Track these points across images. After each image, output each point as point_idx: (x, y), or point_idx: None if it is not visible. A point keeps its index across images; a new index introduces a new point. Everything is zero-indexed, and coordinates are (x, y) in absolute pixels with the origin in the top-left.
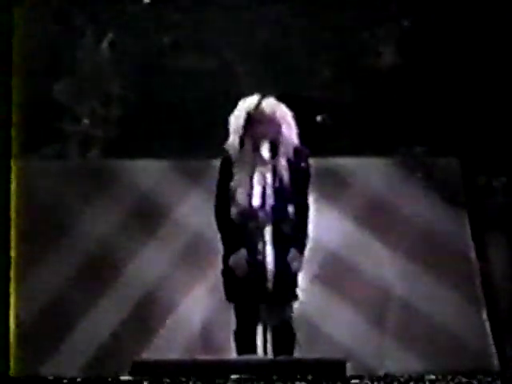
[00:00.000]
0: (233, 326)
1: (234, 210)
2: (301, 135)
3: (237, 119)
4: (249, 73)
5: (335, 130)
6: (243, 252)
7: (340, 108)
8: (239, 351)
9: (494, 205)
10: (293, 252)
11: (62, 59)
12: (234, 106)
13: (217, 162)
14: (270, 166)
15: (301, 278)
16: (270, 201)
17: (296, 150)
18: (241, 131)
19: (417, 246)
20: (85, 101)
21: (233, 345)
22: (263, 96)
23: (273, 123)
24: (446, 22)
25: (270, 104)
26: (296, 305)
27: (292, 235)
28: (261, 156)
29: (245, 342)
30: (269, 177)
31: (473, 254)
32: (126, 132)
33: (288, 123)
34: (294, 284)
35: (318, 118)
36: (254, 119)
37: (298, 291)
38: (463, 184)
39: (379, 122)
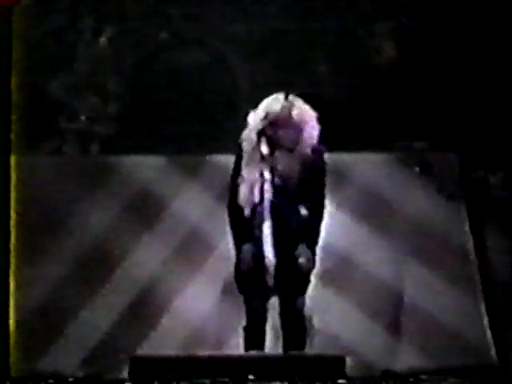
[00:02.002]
0: (231, 320)
1: (240, 205)
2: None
3: (257, 118)
4: (246, 69)
5: (334, 125)
6: (248, 247)
7: (338, 103)
8: (247, 347)
9: (492, 199)
10: (300, 248)
11: (59, 55)
12: (232, 101)
13: (214, 158)
14: (272, 164)
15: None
16: (270, 197)
17: (314, 149)
18: (259, 128)
19: (415, 241)
20: (83, 97)
21: (230, 340)
22: (288, 95)
23: (291, 124)
24: (443, 17)
25: (292, 104)
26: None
27: (301, 232)
28: (271, 155)
29: (252, 337)
30: (270, 174)
31: (471, 248)
32: (123, 128)
33: (308, 124)
34: (304, 280)
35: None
36: (275, 120)
37: (308, 287)
38: (461, 178)
39: (378, 117)
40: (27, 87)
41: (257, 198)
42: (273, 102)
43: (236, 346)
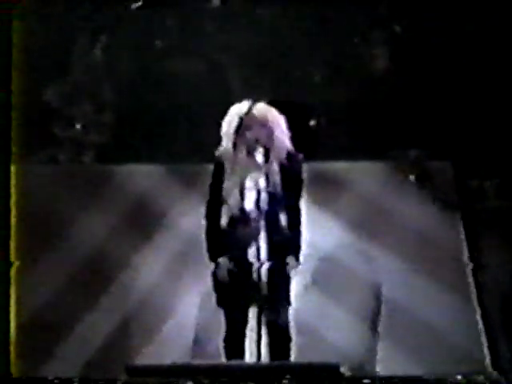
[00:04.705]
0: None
1: (225, 215)
2: (294, 140)
3: (228, 124)
4: (241, 77)
5: (328, 134)
6: (224, 260)
7: (333, 112)
8: (228, 357)
9: (488, 208)
10: (291, 260)
11: (54, 63)
12: (227, 110)
13: (211, 167)
14: (263, 171)
15: (295, 283)
16: (263, 206)
17: (289, 154)
18: (233, 136)
19: (410, 249)
20: (77, 105)
21: (216, 349)
22: (255, 101)
23: (265, 128)
24: (437, 26)
25: (262, 109)
26: (291, 309)
27: (287, 242)
28: (254, 161)
29: (232, 348)
30: (262, 182)
31: (466, 257)
32: (119, 137)
33: (280, 127)
34: (289, 290)
35: (312, 123)
36: (245, 124)
37: (292, 296)
38: (456, 187)
39: (372, 125)
40: (22, 96)
41: (251, 208)
42: (240, 108)
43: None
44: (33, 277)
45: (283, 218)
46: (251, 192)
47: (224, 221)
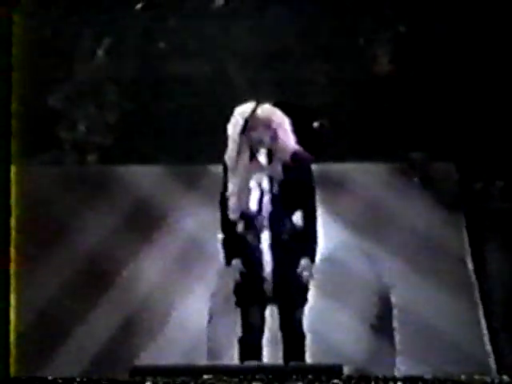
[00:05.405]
0: (231, 330)
1: (231, 218)
2: (298, 141)
3: (233, 127)
4: (245, 79)
5: (333, 135)
6: (236, 262)
7: (338, 114)
8: (242, 357)
9: (491, 210)
10: (304, 261)
11: (58, 66)
12: (230, 112)
13: (212, 168)
14: (266, 173)
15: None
16: (266, 208)
17: (294, 156)
18: (238, 138)
19: (414, 251)
20: (81, 107)
21: (230, 350)
22: (258, 102)
23: (269, 129)
24: (442, 28)
25: (266, 110)
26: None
27: (300, 243)
28: (257, 163)
29: (248, 347)
30: (265, 183)
31: (470, 259)
32: (122, 138)
33: (284, 129)
34: (305, 290)
35: (316, 124)
36: (250, 126)
37: (309, 296)
38: (460, 189)
39: (377, 127)
40: (25, 97)
41: (253, 209)
42: (244, 109)
43: (235, 356)
44: (35, 277)
45: (292, 219)
46: (254, 193)
47: (229, 222)
